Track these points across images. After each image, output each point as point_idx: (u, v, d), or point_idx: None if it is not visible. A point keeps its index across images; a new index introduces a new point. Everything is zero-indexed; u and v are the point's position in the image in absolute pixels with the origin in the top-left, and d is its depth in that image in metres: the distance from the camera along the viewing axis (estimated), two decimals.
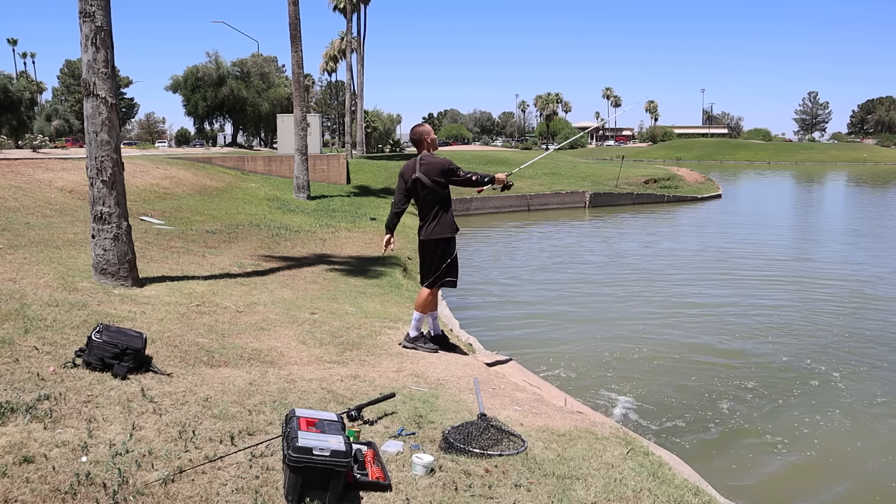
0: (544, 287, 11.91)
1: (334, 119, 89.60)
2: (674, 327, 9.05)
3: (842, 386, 6.93)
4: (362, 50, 41.93)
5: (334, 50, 56.22)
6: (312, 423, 3.12)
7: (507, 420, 4.17)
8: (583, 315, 9.83)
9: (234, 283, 7.86)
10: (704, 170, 46.06)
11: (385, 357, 5.53)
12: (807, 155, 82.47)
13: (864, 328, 9.08)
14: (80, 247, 8.43)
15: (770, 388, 6.82)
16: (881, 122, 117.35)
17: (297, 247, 11.81)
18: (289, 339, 5.70)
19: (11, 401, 3.42)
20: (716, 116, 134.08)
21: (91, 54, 6.66)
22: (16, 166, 14.95)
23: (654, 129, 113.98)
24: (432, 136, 5.70)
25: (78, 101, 59.47)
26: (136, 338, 4.26)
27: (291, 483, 2.86)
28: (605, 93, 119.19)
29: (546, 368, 7.21)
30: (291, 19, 18.45)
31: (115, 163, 6.89)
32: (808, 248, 17.21)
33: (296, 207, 17.46)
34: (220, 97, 48.94)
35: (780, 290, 11.65)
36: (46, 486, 2.72)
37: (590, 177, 31.74)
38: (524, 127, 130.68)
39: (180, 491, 2.84)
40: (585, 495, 3.30)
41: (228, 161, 23.94)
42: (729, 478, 4.95)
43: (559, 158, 46.09)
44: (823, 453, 5.48)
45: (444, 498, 3.10)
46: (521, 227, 21.63)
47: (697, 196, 30.29)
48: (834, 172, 59.46)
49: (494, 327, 9.02)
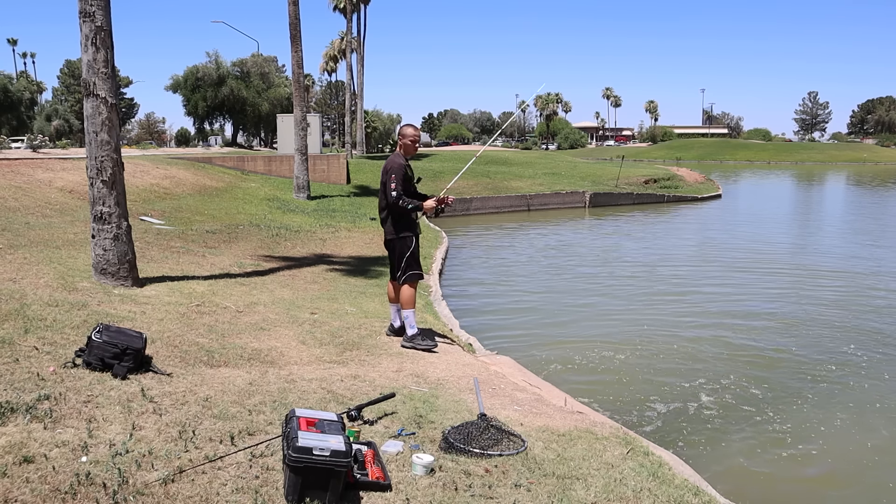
0: (544, 287, 11.91)
1: (334, 119, 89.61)
2: (675, 326, 9.04)
3: (845, 385, 6.92)
4: (362, 50, 41.93)
5: (334, 50, 56.22)
6: (312, 423, 3.12)
7: (507, 420, 4.17)
8: (583, 315, 9.82)
9: (234, 283, 7.86)
10: (704, 170, 46.05)
11: (385, 357, 5.53)
12: (807, 155, 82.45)
13: (869, 326, 9.07)
14: (80, 247, 8.43)
15: (772, 387, 6.82)
16: (881, 122, 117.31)
17: (297, 247, 11.81)
18: (289, 339, 5.70)
19: (11, 401, 3.42)
20: (716, 116, 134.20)
21: (91, 54, 6.66)
22: (16, 166, 14.95)
23: (654, 129, 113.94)
24: (406, 139, 5.80)
25: (78, 101, 59.48)
26: (136, 338, 4.26)
27: (291, 483, 2.87)
28: (605, 93, 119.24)
29: (546, 368, 7.21)
30: (291, 19, 18.45)
31: (115, 163, 6.90)
32: (809, 248, 17.21)
33: (296, 207, 17.46)
34: (220, 97, 48.92)
35: (781, 289, 11.65)
36: (46, 486, 2.72)
37: (590, 177, 31.74)
38: (524, 127, 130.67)
39: (180, 491, 2.84)
40: (585, 495, 3.30)
41: (228, 161, 23.94)
42: (729, 478, 4.95)
43: (559, 158, 46.12)
44: (825, 453, 5.47)
45: (444, 498, 3.10)
46: (520, 226, 21.63)
47: (697, 196, 30.28)
48: (834, 172, 59.47)
49: (494, 327, 9.02)
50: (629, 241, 18.21)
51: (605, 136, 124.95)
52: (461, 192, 25.82)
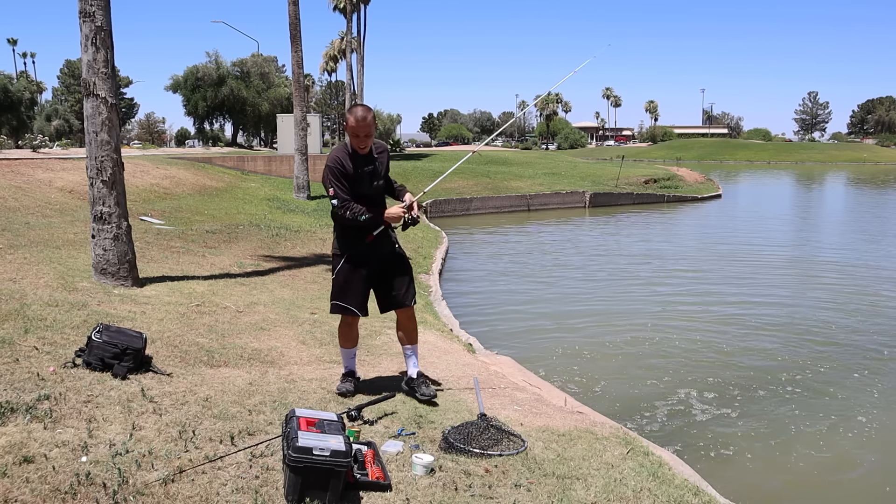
0: (544, 287, 11.90)
1: (334, 119, 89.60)
2: (675, 326, 9.04)
3: (847, 386, 6.92)
4: (362, 50, 41.91)
5: (334, 50, 56.17)
6: (312, 423, 3.12)
7: (507, 420, 4.17)
8: (583, 314, 9.82)
9: (234, 283, 7.86)
10: (704, 170, 46.04)
11: (385, 357, 5.53)
12: (807, 155, 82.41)
13: (869, 328, 9.07)
14: (80, 247, 8.43)
15: (773, 388, 6.82)
16: (881, 122, 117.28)
17: (297, 247, 11.81)
18: (289, 339, 5.70)
19: (11, 401, 3.42)
20: (716, 116, 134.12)
21: (91, 54, 6.66)
22: (16, 166, 14.95)
23: (654, 129, 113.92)
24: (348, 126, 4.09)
25: (78, 101, 59.42)
26: (136, 338, 4.26)
27: (291, 483, 2.86)
28: (605, 93, 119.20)
29: (546, 368, 7.20)
30: (291, 19, 18.45)
31: (115, 163, 6.89)
32: (809, 249, 17.21)
33: (296, 207, 17.46)
34: (220, 97, 48.90)
35: (782, 289, 11.65)
36: (46, 486, 2.72)
37: (590, 177, 31.73)
38: (524, 127, 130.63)
39: (180, 491, 2.84)
40: (585, 495, 3.29)
41: (228, 161, 23.95)
42: (729, 478, 4.94)
43: (559, 158, 46.10)
44: (826, 453, 5.47)
45: (444, 498, 3.10)
46: (521, 226, 21.62)
47: (697, 196, 30.28)
48: (834, 172, 59.44)
49: (494, 327, 9.02)
50: (629, 241, 18.21)
51: (605, 136, 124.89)
52: (461, 192, 25.81)
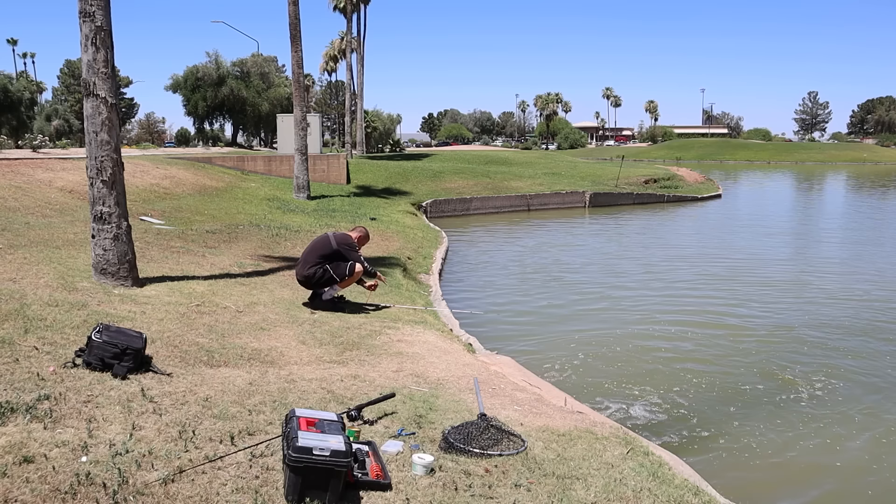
0: (544, 287, 11.90)
1: (334, 119, 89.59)
2: (676, 327, 9.04)
3: (847, 387, 6.92)
4: (362, 50, 41.92)
5: (334, 50, 56.14)
6: (312, 423, 3.12)
7: (507, 420, 4.17)
8: (583, 314, 9.82)
9: (234, 283, 7.86)
10: (704, 170, 46.04)
11: (385, 357, 5.53)
12: (807, 155, 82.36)
13: (869, 329, 9.07)
14: (80, 247, 8.43)
15: (773, 388, 6.82)
16: (881, 122, 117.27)
17: (298, 247, 11.80)
18: (289, 339, 5.70)
19: (11, 401, 3.43)
20: (716, 116, 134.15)
21: (91, 54, 6.66)
22: (16, 166, 14.94)
23: (654, 129, 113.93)
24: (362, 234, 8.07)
25: (78, 101, 59.44)
26: (136, 338, 4.26)
27: (291, 483, 2.87)
28: (605, 93, 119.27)
29: (546, 368, 7.21)
30: (291, 19, 18.45)
31: (115, 163, 6.90)
32: (809, 248, 17.21)
33: (296, 207, 17.46)
34: (220, 97, 48.91)
35: (782, 290, 11.65)
36: (46, 486, 2.72)
37: (590, 177, 31.73)
38: (524, 127, 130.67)
39: (180, 491, 2.84)
40: (585, 495, 3.30)
41: (228, 161, 23.94)
42: (729, 478, 4.95)
43: (559, 158, 46.10)
44: (826, 454, 5.48)
45: (444, 498, 3.10)
46: (520, 226, 21.62)
47: (697, 196, 30.27)
48: (834, 172, 59.44)
49: (494, 327, 9.02)
50: (630, 242, 18.21)
51: (605, 136, 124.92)
52: (461, 192, 25.82)
